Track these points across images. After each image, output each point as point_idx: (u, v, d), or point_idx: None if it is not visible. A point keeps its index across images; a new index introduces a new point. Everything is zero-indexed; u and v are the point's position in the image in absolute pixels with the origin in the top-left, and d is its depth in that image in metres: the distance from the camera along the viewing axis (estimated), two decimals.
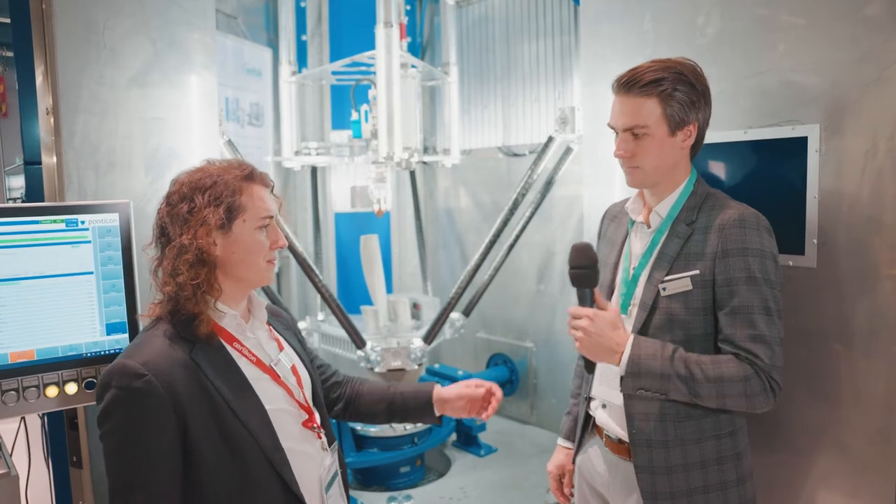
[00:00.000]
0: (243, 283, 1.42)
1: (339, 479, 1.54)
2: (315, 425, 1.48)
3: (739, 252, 1.53)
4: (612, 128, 1.64)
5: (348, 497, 1.60)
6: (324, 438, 1.50)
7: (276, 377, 1.43)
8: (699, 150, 1.69)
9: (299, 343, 1.62)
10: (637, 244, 1.71)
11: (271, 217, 1.42)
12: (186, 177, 1.39)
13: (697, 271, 1.56)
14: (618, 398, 1.65)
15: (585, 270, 1.58)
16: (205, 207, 1.33)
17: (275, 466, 1.34)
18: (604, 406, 1.73)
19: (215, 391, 1.30)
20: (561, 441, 1.96)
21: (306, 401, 1.49)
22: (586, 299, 1.59)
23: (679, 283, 1.57)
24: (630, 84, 1.57)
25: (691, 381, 1.50)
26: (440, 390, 1.71)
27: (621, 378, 1.56)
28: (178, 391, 1.27)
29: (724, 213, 1.58)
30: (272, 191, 1.46)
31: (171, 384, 1.26)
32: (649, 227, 1.68)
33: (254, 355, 1.41)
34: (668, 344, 1.55)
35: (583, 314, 1.58)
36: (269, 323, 1.53)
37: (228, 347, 1.38)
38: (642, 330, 1.61)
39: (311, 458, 1.45)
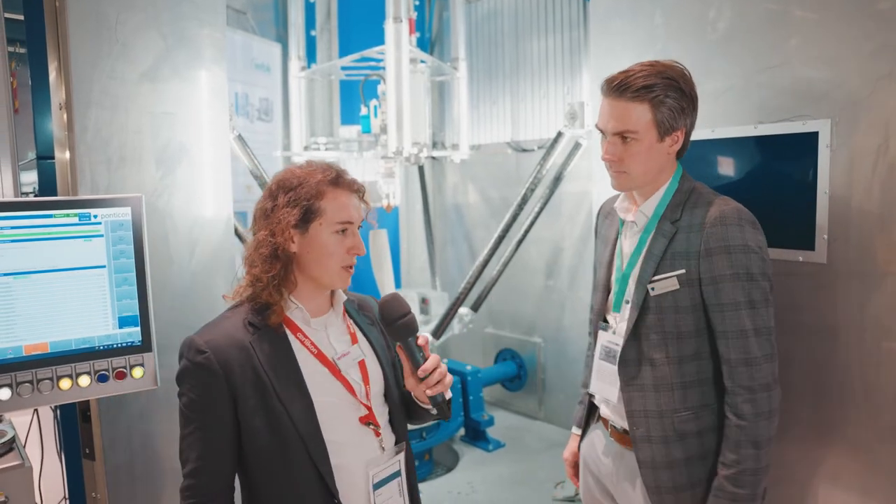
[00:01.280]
0: (317, 283, 1.46)
1: (399, 479, 1.52)
2: (372, 422, 1.47)
3: (722, 250, 1.54)
4: (601, 130, 1.63)
5: (413, 500, 1.57)
6: (384, 436, 1.49)
7: (335, 371, 1.45)
8: (685, 153, 1.68)
9: (385, 340, 1.60)
10: (627, 243, 1.71)
11: (350, 223, 1.44)
12: (281, 174, 1.47)
13: (683, 270, 1.58)
14: (613, 395, 1.67)
15: (408, 316, 1.43)
16: (284, 207, 1.40)
17: (311, 456, 1.37)
18: (605, 401, 1.74)
19: (265, 375, 1.37)
20: (574, 429, 1.97)
21: (367, 397, 1.48)
22: (413, 350, 1.43)
23: (666, 282, 1.59)
24: (622, 88, 1.55)
25: (748, 470, 1.52)
26: None
27: None
28: (233, 370, 1.37)
29: (706, 210, 1.58)
30: (362, 197, 1.49)
31: (227, 363, 1.37)
32: (638, 225, 1.69)
33: (316, 347, 1.45)
34: (715, 495, 1.56)
35: None
36: (350, 316, 1.56)
37: (292, 337, 1.43)
38: (635, 328, 1.63)
39: (362, 454, 1.45)
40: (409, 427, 1.61)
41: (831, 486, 1.81)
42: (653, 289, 1.60)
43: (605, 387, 1.71)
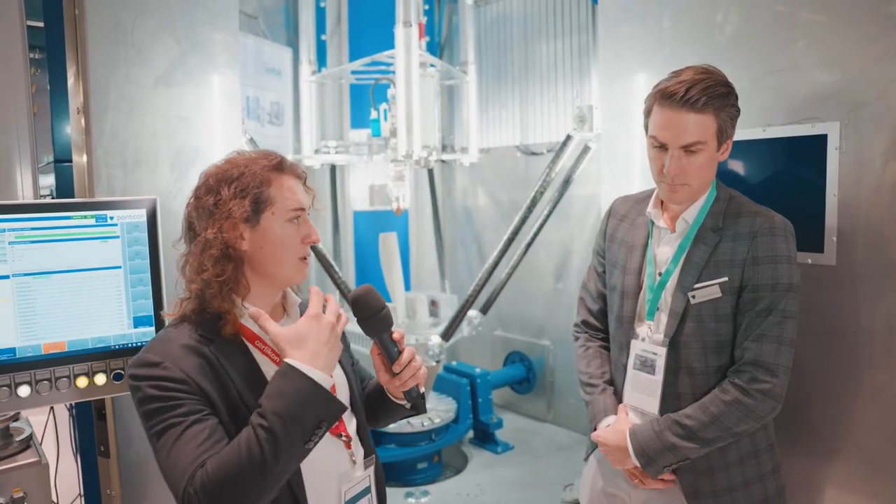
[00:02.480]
0: (273, 280, 1.35)
1: (369, 496, 1.43)
2: (343, 434, 1.37)
3: (770, 259, 1.55)
4: (661, 144, 1.57)
5: None
6: (354, 449, 1.39)
7: None
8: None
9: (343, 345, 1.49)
10: (663, 249, 1.68)
11: (302, 209, 1.34)
12: (214, 168, 1.34)
13: (726, 278, 1.57)
14: (653, 406, 1.65)
15: (384, 311, 1.36)
16: (230, 199, 1.27)
17: None
18: (640, 413, 1.71)
19: (232, 386, 1.25)
20: (609, 419, 1.72)
21: None
22: (387, 344, 1.38)
23: (708, 290, 1.58)
24: (690, 100, 1.50)
25: (693, 435, 1.55)
26: None
27: (642, 465, 1.62)
28: (198, 378, 1.21)
29: (752, 220, 1.58)
30: (304, 182, 1.39)
31: (190, 371, 1.21)
32: (673, 231, 1.67)
33: (276, 355, 1.32)
34: (656, 419, 1.61)
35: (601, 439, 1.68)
36: None
37: (250, 346, 1.33)
38: (674, 337, 1.61)
39: (333, 468, 1.36)
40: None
41: (840, 489, 1.81)
42: (693, 297, 1.59)
43: (643, 398, 1.68)
